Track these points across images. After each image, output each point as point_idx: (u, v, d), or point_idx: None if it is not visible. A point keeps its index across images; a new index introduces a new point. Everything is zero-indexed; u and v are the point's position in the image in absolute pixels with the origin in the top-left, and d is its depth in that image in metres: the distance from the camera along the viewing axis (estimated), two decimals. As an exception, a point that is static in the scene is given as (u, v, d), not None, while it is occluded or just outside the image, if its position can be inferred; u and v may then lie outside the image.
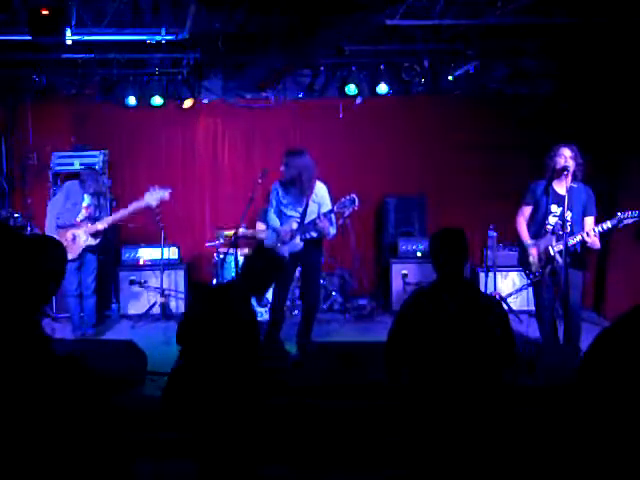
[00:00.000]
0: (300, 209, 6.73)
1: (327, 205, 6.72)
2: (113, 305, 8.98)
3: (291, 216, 6.76)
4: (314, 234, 6.72)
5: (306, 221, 6.68)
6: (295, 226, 6.71)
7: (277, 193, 6.84)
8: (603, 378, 2.04)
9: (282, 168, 6.71)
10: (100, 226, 7.41)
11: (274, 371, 5.69)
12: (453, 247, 3.94)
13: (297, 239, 6.69)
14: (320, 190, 6.79)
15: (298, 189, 6.69)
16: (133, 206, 7.47)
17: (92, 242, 7.45)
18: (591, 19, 7.10)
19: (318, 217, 6.59)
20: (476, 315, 3.78)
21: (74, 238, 7.34)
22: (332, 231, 6.75)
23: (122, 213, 7.47)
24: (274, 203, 6.86)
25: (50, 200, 8.19)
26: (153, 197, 7.42)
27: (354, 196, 6.53)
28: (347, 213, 6.67)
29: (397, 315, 4.02)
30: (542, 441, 4.16)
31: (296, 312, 8.39)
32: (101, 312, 8.23)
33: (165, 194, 7.46)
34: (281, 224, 6.80)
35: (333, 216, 6.71)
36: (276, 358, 6.54)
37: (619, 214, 5.97)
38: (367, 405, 5.11)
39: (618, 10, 6.82)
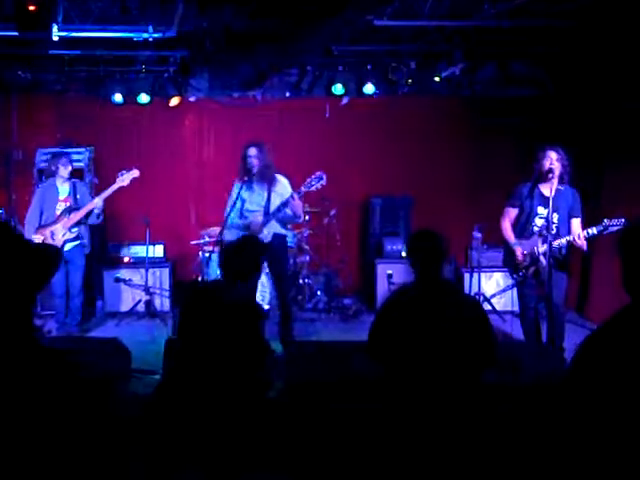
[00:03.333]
0: (263, 202, 6.80)
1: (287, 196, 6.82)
2: (98, 302, 8.95)
3: (254, 211, 6.80)
4: (284, 219, 6.81)
5: (271, 210, 6.75)
6: (261, 218, 6.75)
7: (239, 191, 6.86)
8: (592, 381, 2.06)
9: (255, 160, 6.74)
10: (76, 217, 7.40)
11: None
12: (429, 249, 3.96)
13: (265, 231, 6.72)
14: (282, 181, 6.89)
15: (266, 179, 6.79)
16: (106, 192, 7.50)
17: (70, 235, 7.44)
18: (579, 22, 7.15)
19: (291, 196, 6.64)
20: (455, 315, 3.81)
21: (52, 235, 7.32)
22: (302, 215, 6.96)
23: (96, 201, 7.45)
24: (238, 204, 6.86)
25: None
26: (124, 178, 7.49)
27: (321, 173, 6.59)
28: (316, 188, 6.70)
29: (377, 314, 4.04)
30: (523, 441, 4.18)
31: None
32: (86, 309, 8.20)
33: (135, 172, 7.54)
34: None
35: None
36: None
37: (605, 221, 6.00)
38: (349, 404, 5.12)
39: (606, 13, 6.86)
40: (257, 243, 4.70)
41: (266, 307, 8.14)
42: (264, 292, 8.13)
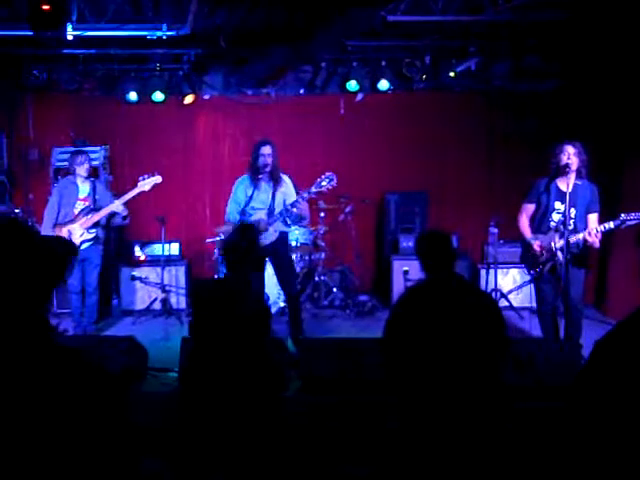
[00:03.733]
0: (268, 201, 6.79)
1: (292, 196, 6.81)
2: (114, 301, 8.98)
3: (258, 209, 6.79)
4: (288, 221, 6.83)
5: (276, 211, 6.74)
6: (264, 217, 6.74)
7: (244, 187, 6.86)
8: (606, 381, 2.03)
9: (269, 158, 6.73)
10: (95, 218, 7.41)
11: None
12: (437, 251, 3.95)
13: (271, 230, 6.71)
14: (287, 180, 6.90)
15: (273, 178, 6.78)
16: (127, 196, 7.48)
17: (88, 236, 7.44)
18: (594, 16, 7.09)
19: (301, 197, 6.65)
20: (468, 311, 3.79)
21: (70, 234, 7.34)
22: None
23: (116, 204, 7.44)
24: (241, 198, 6.85)
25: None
26: (145, 183, 7.48)
27: (331, 174, 6.58)
28: (326, 189, 6.70)
29: (391, 313, 4.03)
30: (542, 440, 4.15)
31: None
32: (102, 308, 8.22)
33: (157, 179, 7.53)
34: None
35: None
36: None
37: (622, 215, 5.95)
38: (366, 401, 5.11)
39: (620, 6, 6.80)
40: (250, 226, 4.74)
41: (281, 305, 8.14)
42: (280, 290, 8.12)
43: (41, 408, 1.79)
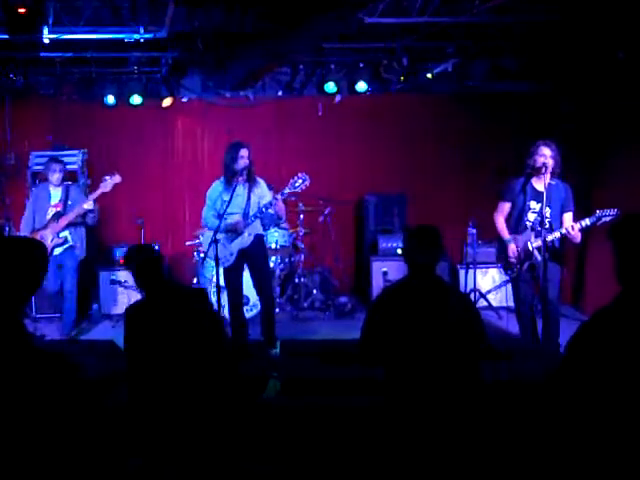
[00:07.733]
0: (243, 205, 6.74)
1: (267, 197, 6.76)
2: (94, 305, 8.93)
3: (233, 213, 6.74)
4: (265, 220, 6.83)
5: (251, 214, 6.70)
6: (240, 220, 6.72)
7: (220, 192, 6.80)
8: (583, 371, 2.06)
9: (247, 161, 6.68)
10: (63, 222, 7.54)
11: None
12: (428, 244, 3.94)
13: (246, 233, 6.69)
14: (261, 183, 6.86)
15: (250, 181, 6.73)
16: (92, 195, 7.61)
17: (57, 240, 7.58)
18: (569, 17, 7.15)
19: (274, 198, 6.61)
20: (446, 309, 3.81)
21: (42, 239, 7.38)
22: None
23: (79, 208, 7.55)
24: (217, 203, 6.79)
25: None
26: (106, 185, 7.54)
27: (303, 174, 6.56)
28: (300, 189, 6.68)
29: (368, 312, 4.03)
30: (520, 438, 4.18)
31: (277, 310, 8.35)
32: (82, 312, 8.19)
33: (116, 179, 7.57)
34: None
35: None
36: (252, 359, 6.52)
37: (598, 212, 6.02)
38: (346, 402, 5.12)
39: (596, 8, 6.86)
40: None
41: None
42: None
43: (19, 411, 1.79)
